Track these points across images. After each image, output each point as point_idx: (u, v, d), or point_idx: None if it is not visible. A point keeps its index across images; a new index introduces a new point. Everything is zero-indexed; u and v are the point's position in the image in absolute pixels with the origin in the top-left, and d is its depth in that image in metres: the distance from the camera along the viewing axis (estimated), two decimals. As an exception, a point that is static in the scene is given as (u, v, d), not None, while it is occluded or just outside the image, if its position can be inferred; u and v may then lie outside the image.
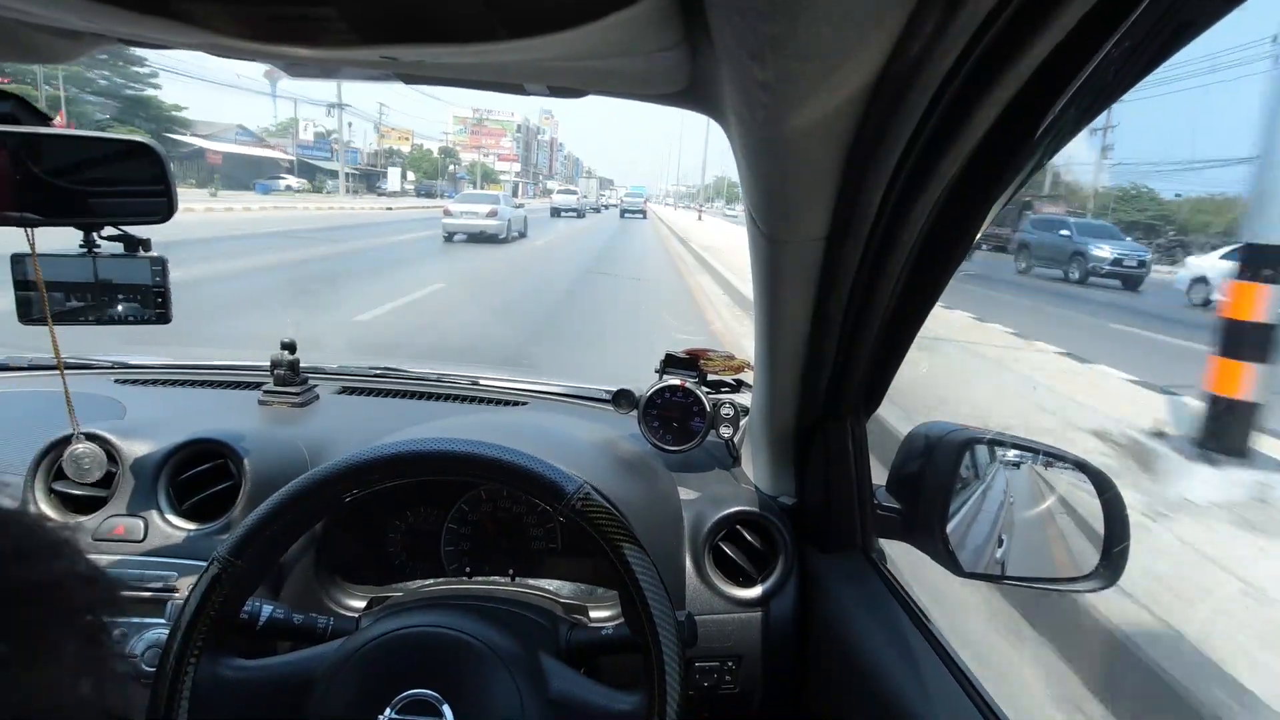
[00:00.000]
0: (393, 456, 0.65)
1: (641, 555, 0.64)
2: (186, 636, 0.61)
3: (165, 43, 0.55)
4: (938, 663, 0.71)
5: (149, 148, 0.87)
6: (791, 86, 0.40)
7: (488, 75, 0.61)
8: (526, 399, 1.36)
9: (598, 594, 0.95)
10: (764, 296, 0.73)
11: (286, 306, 7.17)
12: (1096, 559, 0.74)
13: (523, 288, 9.82)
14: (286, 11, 0.43)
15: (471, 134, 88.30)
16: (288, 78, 0.70)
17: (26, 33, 0.56)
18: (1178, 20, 0.38)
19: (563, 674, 0.67)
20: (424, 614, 0.69)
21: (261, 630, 0.70)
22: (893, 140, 0.47)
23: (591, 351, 5.81)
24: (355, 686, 0.63)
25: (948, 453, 0.77)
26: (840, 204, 0.56)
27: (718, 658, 0.90)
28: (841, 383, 0.79)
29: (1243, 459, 3.05)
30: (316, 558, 0.91)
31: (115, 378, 1.33)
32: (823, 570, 0.90)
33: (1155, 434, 3.53)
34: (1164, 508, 2.76)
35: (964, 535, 0.78)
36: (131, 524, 0.93)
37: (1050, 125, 0.45)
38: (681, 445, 1.10)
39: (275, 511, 0.64)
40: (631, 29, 0.43)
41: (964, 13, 0.36)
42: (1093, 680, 2.06)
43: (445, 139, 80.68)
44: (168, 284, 0.93)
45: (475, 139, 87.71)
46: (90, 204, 0.86)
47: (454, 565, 0.96)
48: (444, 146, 75.94)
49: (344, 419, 1.23)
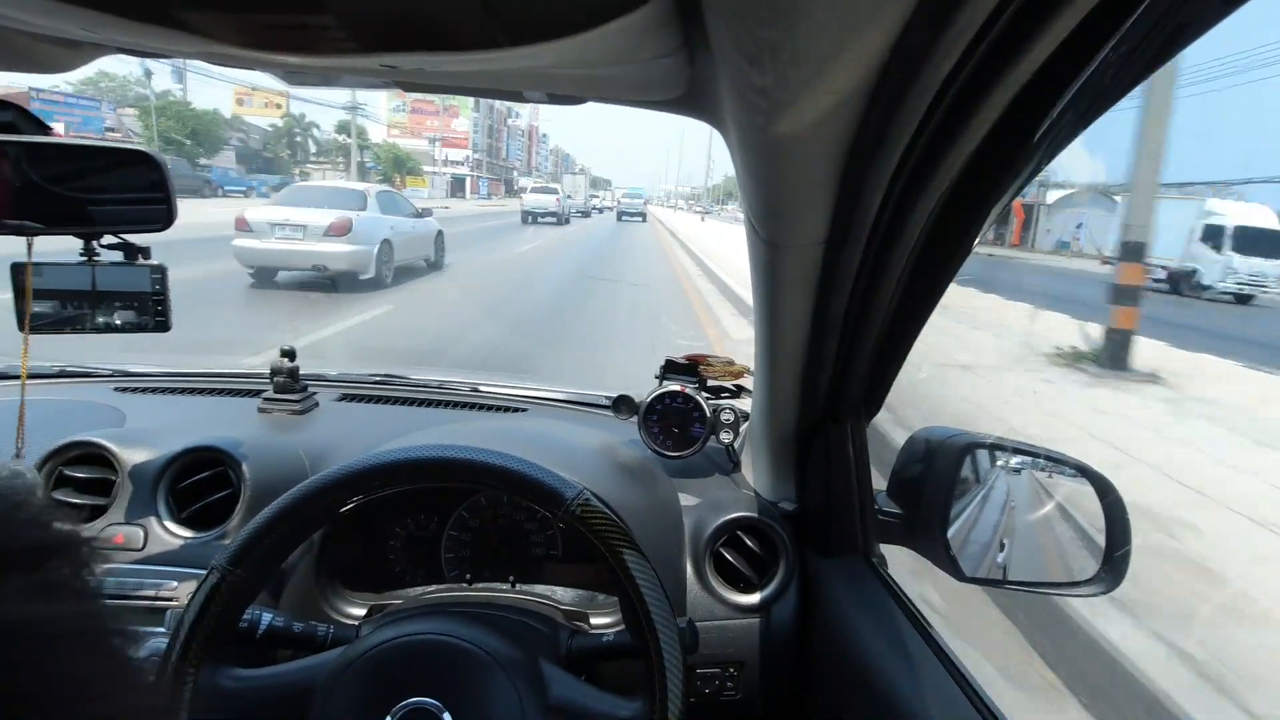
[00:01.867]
0: (393, 463, 0.65)
1: (642, 561, 0.63)
2: (186, 645, 0.61)
3: (165, 52, 0.55)
4: (939, 668, 0.71)
5: (148, 156, 0.87)
6: (789, 92, 0.40)
7: (487, 83, 0.61)
8: (526, 405, 1.35)
9: (598, 600, 0.94)
10: (764, 301, 0.73)
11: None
12: (1098, 564, 0.74)
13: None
14: (286, 20, 0.44)
15: (412, 113, 62.01)
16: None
17: (27, 43, 0.56)
18: (1175, 23, 0.38)
19: (563, 681, 0.67)
20: (424, 621, 0.68)
21: (261, 638, 0.70)
22: (891, 144, 0.47)
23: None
24: (356, 695, 0.63)
25: (948, 457, 0.77)
26: (839, 208, 0.56)
27: (719, 664, 0.90)
28: (841, 387, 0.78)
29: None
30: (316, 565, 0.90)
31: (115, 386, 1.32)
32: (824, 575, 0.89)
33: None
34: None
35: (965, 540, 0.77)
36: (131, 532, 0.92)
37: (1049, 128, 0.46)
38: (682, 451, 1.09)
39: (275, 519, 0.64)
40: (630, 36, 0.43)
41: (960, 18, 0.36)
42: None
43: (382, 118, 57.56)
44: (167, 292, 0.93)
45: (418, 119, 62.99)
46: (90, 212, 0.86)
47: (454, 572, 0.96)
48: (342, 123, 46.93)
49: (344, 426, 1.23)
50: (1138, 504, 1.34)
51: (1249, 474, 3.66)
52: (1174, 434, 4.40)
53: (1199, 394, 5.56)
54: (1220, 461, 3.86)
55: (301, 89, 6.34)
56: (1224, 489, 3.34)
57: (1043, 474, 0.83)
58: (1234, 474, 3.67)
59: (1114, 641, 2.06)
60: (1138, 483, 3.27)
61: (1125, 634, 2.09)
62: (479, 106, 64.46)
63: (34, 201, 0.81)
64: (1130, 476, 3.31)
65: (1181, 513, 2.98)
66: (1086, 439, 4.06)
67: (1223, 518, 3.06)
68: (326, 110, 51.37)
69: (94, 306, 0.90)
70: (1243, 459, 3.91)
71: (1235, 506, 3.16)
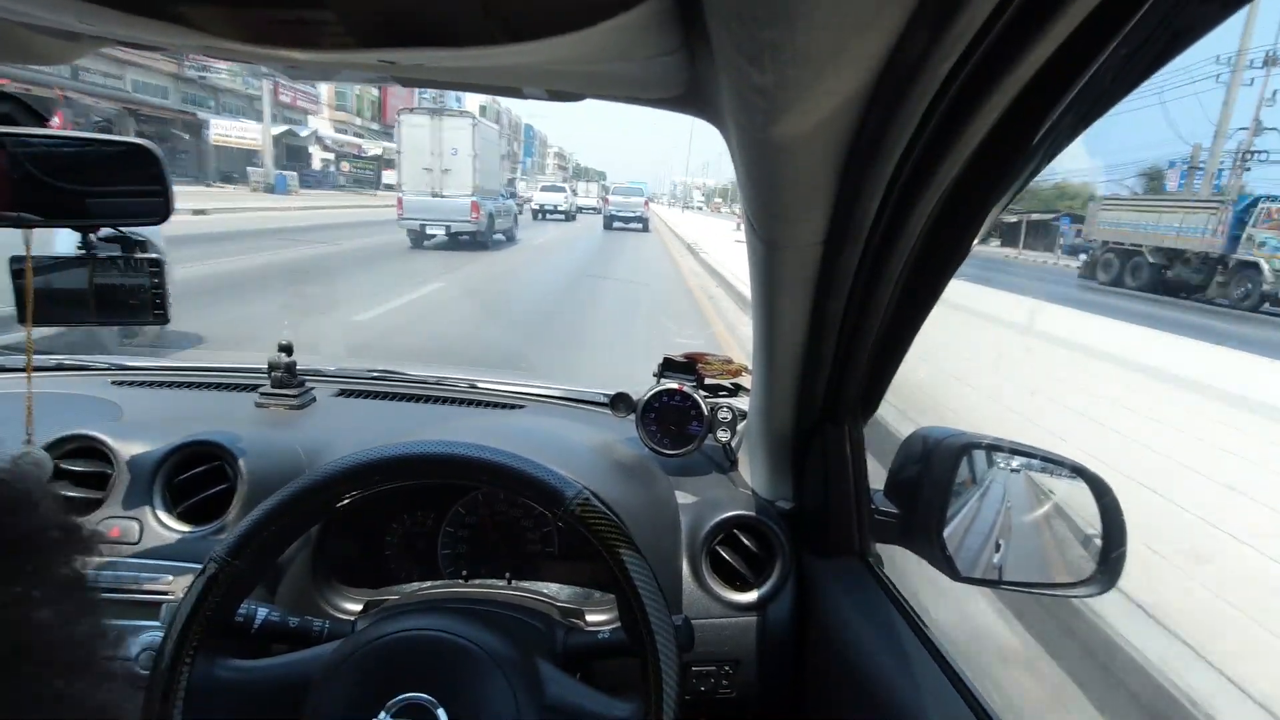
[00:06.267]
0: (390, 459, 0.65)
1: (638, 559, 0.63)
2: (181, 639, 0.61)
3: (163, 45, 0.55)
4: (934, 667, 0.71)
5: (146, 149, 0.87)
6: (789, 91, 0.40)
7: (486, 79, 0.61)
8: (524, 402, 1.35)
9: (595, 598, 0.94)
10: (762, 301, 0.73)
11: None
12: (1094, 564, 0.74)
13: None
14: (285, 15, 0.44)
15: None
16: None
17: (25, 35, 0.56)
18: (1175, 26, 0.38)
19: (559, 679, 0.67)
20: (420, 617, 0.68)
21: (257, 633, 0.70)
22: (891, 145, 0.47)
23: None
24: (350, 689, 0.63)
25: (946, 457, 0.77)
26: (838, 209, 0.56)
27: (714, 662, 0.90)
28: (839, 387, 0.78)
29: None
30: (313, 560, 0.90)
31: (112, 379, 1.32)
32: (820, 574, 0.90)
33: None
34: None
35: (961, 540, 0.78)
36: (127, 525, 0.92)
37: (1048, 131, 0.46)
38: (679, 449, 1.10)
39: (272, 514, 0.64)
40: (630, 34, 0.43)
41: (961, 19, 0.36)
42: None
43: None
44: (165, 285, 0.93)
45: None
46: (88, 205, 0.86)
47: (450, 568, 0.96)
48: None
49: (341, 422, 1.23)
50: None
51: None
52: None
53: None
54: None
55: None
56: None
57: (1039, 474, 0.83)
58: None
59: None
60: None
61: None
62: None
63: (32, 194, 0.81)
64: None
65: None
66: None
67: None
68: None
69: (93, 300, 0.90)
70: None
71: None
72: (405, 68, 0.54)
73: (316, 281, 9.01)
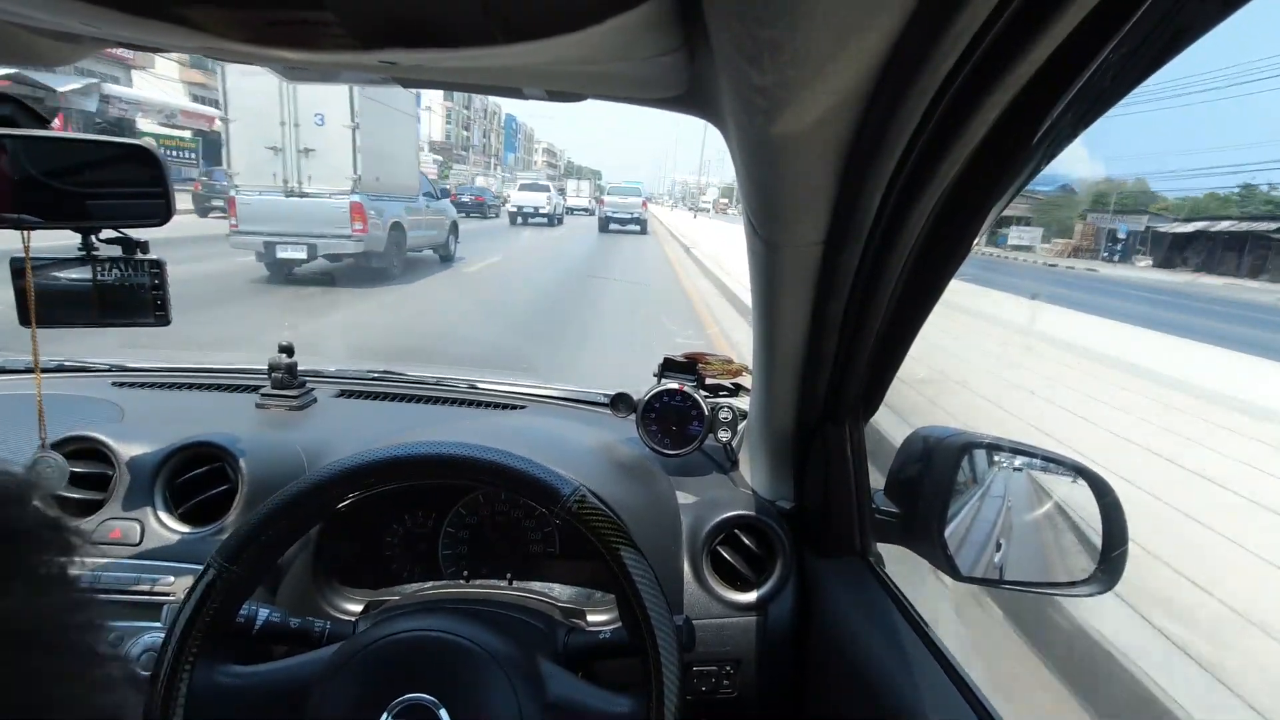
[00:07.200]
0: (390, 460, 0.65)
1: (639, 559, 0.63)
2: (182, 640, 0.61)
3: (165, 46, 0.55)
4: (935, 667, 0.71)
5: (147, 151, 0.87)
6: (789, 91, 0.40)
7: (486, 79, 0.61)
8: (524, 403, 1.35)
9: (595, 598, 0.94)
10: (762, 301, 0.73)
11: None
12: (1094, 564, 0.74)
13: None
14: (286, 16, 0.44)
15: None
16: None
17: (27, 37, 0.56)
18: (1175, 26, 0.38)
19: (560, 678, 0.67)
20: (421, 618, 0.68)
21: (257, 634, 0.70)
22: (891, 145, 0.47)
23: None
24: (352, 691, 0.63)
25: (946, 457, 0.77)
26: (838, 208, 0.56)
27: (715, 662, 0.90)
28: (840, 386, 0.78)
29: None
30: (313, 561, 0.90)
31: (113, 380, 1.32)
32: (820, 574, 0.90)
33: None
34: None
35: (962, 539, 0.78)
36: (127, 527, 0.92)
37: (1048, 130, 0.46)
38: (679, 449, 1.10)
39: (272, 515, 0.64)
40: (630, 34, 0.43)
41: (961, 18, 0.36)
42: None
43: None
44: (166, 286, 0.93)
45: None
46: (88, 206, 0.86)
47: (451, 569, 0.96)
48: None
49: (342, 422, 1.23)
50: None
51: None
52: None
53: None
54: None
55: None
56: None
57: (1040, 474, 0.83)
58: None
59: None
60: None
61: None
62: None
63: (32, 195, 0.81)
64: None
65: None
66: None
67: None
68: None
69: (94, 301, 0.90)
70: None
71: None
72: (406, 68, 0.54)
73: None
